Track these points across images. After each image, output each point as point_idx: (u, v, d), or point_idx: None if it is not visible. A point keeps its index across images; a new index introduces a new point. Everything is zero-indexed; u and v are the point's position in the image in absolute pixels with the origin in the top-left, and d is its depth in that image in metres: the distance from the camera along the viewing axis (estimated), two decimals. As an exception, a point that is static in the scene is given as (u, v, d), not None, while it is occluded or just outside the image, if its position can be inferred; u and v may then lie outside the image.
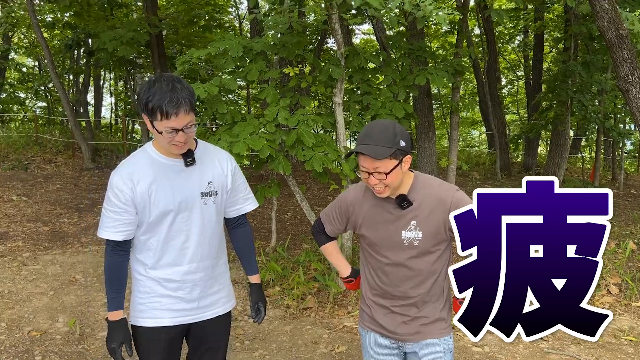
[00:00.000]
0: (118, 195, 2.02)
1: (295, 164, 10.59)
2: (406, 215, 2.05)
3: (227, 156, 2.24)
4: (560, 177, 9.65)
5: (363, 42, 18.65)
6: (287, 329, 4.46)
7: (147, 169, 2.05)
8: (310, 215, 5.37)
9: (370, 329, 2.24)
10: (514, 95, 20.59)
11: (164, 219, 2.07)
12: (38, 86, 19.59)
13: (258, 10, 5.19)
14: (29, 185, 9.68)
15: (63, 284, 5.30)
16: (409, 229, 2.04)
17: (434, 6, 3.87)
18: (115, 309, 2.11)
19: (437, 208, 2.00)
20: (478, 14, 12.53)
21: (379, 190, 2.01)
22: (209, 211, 2.15)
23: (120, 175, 2.04)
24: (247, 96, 16.41)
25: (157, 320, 2.14)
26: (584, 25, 8.45)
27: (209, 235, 2.17)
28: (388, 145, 1.93)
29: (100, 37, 9.63)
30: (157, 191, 2.04)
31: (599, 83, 9.07)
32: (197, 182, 2.10)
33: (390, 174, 1.95)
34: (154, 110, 1.89)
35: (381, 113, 5.00)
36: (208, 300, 2.22)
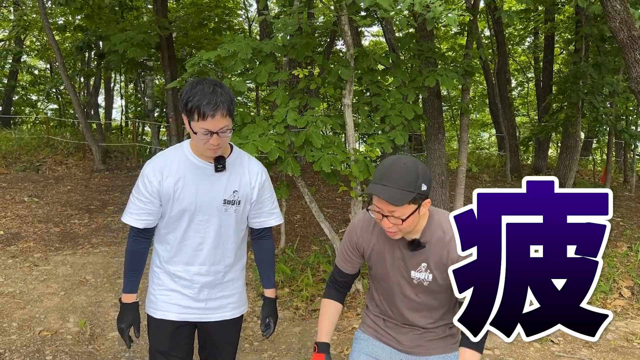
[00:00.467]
0: (146, 185, 2.11)
1: (304, 165, 10.60)
2: (417, 257, 1.96)
3: (259, 169, 2.25)
4: (571, 180, 9.58)
5: (372, 44, 18.65)
6: (296, 330, 4.46)
7: (178, 166, 2.11)
8: (320, 217, 5.36)
9: (374, 336, 2.17)
10: (524, 97, 20.48)
11: (182, 216, 2.13)
12: (50, 88, 19.75)
13: (267, 12, 5.20)
14: (40, 187, 9.76)
15: (74, 284, 5.34)
16: (419, 270, 1.97)
17: (444, 7, 3.86)
18: (129, 291, 2.22)
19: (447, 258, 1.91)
20: (488, 16, 12.48)
21: (391, 232, 1.89)
22: (228, 219, 2.18)
23: (153, 166, 2.13)
24: (257, 98, 16.45)
25: (165, 313, 2.22)
26: (595, 26, 8.38)
27: (225, 241, 2.21)
28: (409, 189, 1.78)
29: (111, 40, 9.70)
30: (182, 189, 2.10)
31: (610, 85, 8.98)
32: (223, 188, 2.14)
33: (407, 220, 1.83)
34: (192, 110, 1.94)
35: (390, 114, 4.99)
36: (216, 303, 2.26)
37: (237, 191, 2.16)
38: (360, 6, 4.72)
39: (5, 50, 20.23)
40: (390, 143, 4.92)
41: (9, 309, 4.65)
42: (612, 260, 5.89)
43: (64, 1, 7.81)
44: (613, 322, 4.68)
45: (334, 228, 5.71)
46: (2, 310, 4.62)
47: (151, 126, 15.39)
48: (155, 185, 2.10)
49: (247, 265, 6.23)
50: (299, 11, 4.94)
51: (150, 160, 2.18)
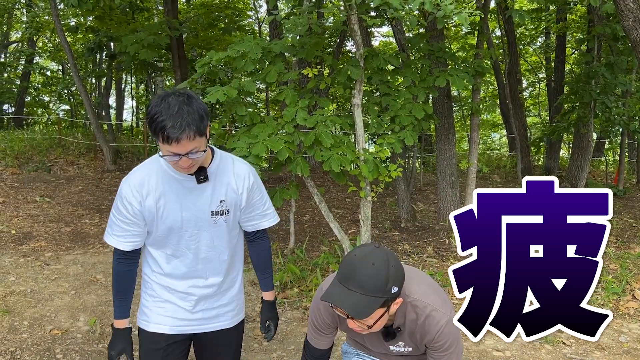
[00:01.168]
0: (127, 207, 1.96)
1: (314, 166, 10.60)
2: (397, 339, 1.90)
3: (246, 172, 2.08)
4: (583, 181, 9.49)
5: (382, 45, 18.62)
6: (305, 330, 4.44)
7: (157, 182, 1.96)
8: (329, 217, 5.35)
9: (360, 348, 2.12)
10: (535, 98, 20.35)
11: (170, 234, 2.00)
12: (62, 89, 19.95)
13: (277, 12, 5.20)
14: (52, 187, 9.84)
15: (84, 283, 5.36)
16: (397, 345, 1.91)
17: (455, 6, 3.83)
18: (120, 317, 2.09)
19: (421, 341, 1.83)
20: (499, 16, 12.40)
21: (358, 330, 1.74)
22: (219, 230, 2.05)
23: (130, 186, 1.96)
24: (266, 99, 16.48)
25: (159, 326, 2.09)
26: (608, 26, 8.30)
27: (219, 253, 2.09)
28: (377, 294, 1.60)
29: (122, 41, 9.76)
30: (165, 206, 1.96)
31: (623, 84, 8.89)
32: (208, 200, 1.99)
33: (376, 324, 1.68)
34: (157, 132, 1.76)
35: (400, 114, 4.97)
36: (213, 312, 2.14)
37: (224, 200, 2.02)
38: (370, 5, 4.71)
39: (18, 52, 20.46)
40: (400, 143, 4.90)
41: (20, 308, 4.69)
42: (625, 262, 5.82)
43: (76, 2, 7.87)
44: (626, 325, 4.63)
45: (344, 228, 5.70)
46: (14, 309, 4.65)
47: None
48: (136, 206, 1.94)
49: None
50: (308, 11, 4.93)
51: (126, 178, 2.00)
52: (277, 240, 6.88)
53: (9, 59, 21.47)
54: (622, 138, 11.25)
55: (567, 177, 10.40)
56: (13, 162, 11.39)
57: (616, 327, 4.57)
